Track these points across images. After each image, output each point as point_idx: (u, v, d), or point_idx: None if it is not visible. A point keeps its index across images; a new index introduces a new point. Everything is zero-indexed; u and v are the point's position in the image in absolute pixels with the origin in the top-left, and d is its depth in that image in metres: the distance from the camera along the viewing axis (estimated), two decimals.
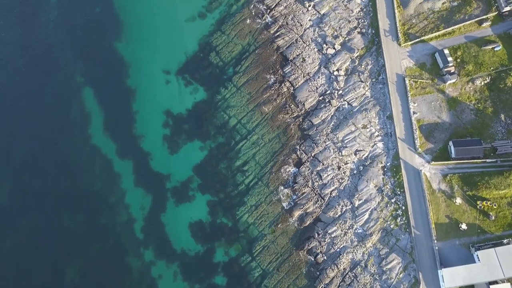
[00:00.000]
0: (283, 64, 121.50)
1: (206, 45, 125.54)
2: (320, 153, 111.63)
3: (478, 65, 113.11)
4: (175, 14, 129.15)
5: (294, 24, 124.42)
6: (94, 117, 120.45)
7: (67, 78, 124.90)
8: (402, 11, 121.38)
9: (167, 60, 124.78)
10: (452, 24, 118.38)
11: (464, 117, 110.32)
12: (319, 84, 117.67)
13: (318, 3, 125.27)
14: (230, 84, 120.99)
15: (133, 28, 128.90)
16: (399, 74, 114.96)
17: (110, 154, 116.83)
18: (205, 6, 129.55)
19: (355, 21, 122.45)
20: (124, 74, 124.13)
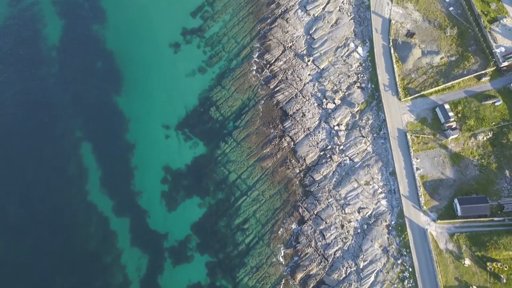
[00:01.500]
0: (283, 118, 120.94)
1: (206, 100, 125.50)
2: (322, 210, 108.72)
3: (480, 120, 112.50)
4: (175, 68, 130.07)
5: (293, 79, 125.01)
6: (92, 173, 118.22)
7: (66, 133, 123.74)
8: (401, 66, 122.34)
9: (167, 115, 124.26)
10: (451, 79, 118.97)
11: (468, 173, 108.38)
12: (320, 139, 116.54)
13: (317, 58, 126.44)
14: (230, 138, 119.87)
15: (134, 83, 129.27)
16: (401, 129, 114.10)
17: (107, 211, 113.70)
18: (205, 61, 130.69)
19: (355, 76, 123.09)
20: (124, 128, 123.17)
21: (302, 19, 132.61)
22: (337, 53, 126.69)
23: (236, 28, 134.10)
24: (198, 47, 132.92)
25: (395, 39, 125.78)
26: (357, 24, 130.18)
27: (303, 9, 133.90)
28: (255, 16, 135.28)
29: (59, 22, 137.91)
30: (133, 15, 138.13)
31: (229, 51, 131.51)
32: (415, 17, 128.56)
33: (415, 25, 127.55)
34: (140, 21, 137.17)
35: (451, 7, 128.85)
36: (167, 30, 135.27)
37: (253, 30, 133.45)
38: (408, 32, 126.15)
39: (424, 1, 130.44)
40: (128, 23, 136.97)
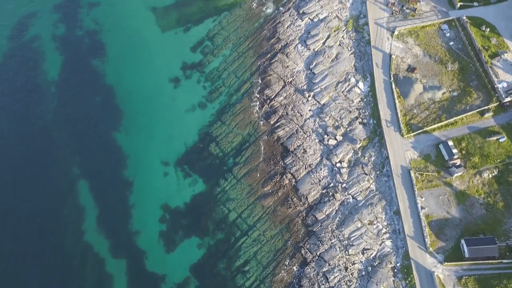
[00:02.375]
0: (284, 155, 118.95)
1: (206, 136, 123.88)
2: (325, 252, 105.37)
3: (484, 157, 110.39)
4: (175, 103, 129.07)
5: (294, 114, 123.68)
6: (88, 212, 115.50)
7: (63, 170, 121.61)
8: (402, 101, 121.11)
9: (166, 151, 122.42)
10: (454, 115, 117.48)
11: (474, 212, 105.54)
12: (322, 176, 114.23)
13: (318, 93, 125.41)
14: (230, 175, 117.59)
15: (133, 118, 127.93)
16: (404, 166, 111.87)
17: (103, 252, 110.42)
18: (205, 96, 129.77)
19: (356, 111, 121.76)
20: (122, 165, 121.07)
21: (302, 54, 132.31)
22: (338, 88, 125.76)
23: (236, 63, 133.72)
24: (198, 82, 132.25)
25: (396, 74, 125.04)
26: (358, 58, 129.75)
27: (303, 44, 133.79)
28: (255, 50, 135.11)
29: (59, 57, 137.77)
30: (133, 49, 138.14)
31: (229, 86, 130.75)
32: (416, 52, 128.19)
33: (416, 60, 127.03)
34: (140, 55, 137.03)
35: (451, 41, 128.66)
36: (167, 64, 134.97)
37: (253, 65, 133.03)
38: (409, 67, 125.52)
39: (424, 35, 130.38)
40: (128, 58, 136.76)
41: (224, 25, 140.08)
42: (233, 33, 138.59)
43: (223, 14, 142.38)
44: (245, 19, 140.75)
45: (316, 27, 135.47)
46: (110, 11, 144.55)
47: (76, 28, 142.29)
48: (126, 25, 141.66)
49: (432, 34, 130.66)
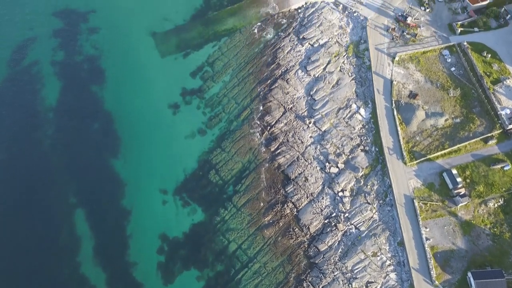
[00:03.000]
0: (285, 183, 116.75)
1: (205, 163, 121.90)
2: (328, 285, 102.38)
3: (489, 186, 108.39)
4: (174, 130, 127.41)
5: (295, 141, 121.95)
6: (85, 242, 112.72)
7: (59, 197, 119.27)
8: (404, 128, 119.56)
9: (165, 179, 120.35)
10: (457, 142, 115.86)
11: (480, 243, 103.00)
12: (324, 205, 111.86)
13: (319, 120, 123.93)
14: (230, 204, 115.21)
15: (131, 145, 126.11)
16: (407, 195, 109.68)
17: (100, 284, 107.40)
18: (205, 122, 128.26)
19: (358, 139, 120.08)
20: (120, 194, 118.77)
21: (303, 80, 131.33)
22: (339, 114, 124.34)
23: (236, 89, 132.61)
24: (198, 108, 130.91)
25: (397, 100, 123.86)
26: (359, 84, 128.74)
27: (303, 70, 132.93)
28: (255, 76, 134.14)
29: (57, 83, 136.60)
30: (132, 75, 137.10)
31: (229, 112, 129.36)
32: (417, 78, 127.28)
33: (418, 86, 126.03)
34: (139, 81, 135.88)
35: (452, 67, 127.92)
36: (167, 90, 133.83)
37: (253, 91, 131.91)
38: (410, 93, 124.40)
39: (425, 61, 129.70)
40: (127, 83, 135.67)
41: (224, 50, 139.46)
42: (233, 59, 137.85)
43: (223, 40, 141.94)
44: (245, 44, 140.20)
45: (316, 53, 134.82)
46: (110, 36, 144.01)
47: (75, 53, 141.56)
48: (125, 51, 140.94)
49: (433, 59, 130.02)
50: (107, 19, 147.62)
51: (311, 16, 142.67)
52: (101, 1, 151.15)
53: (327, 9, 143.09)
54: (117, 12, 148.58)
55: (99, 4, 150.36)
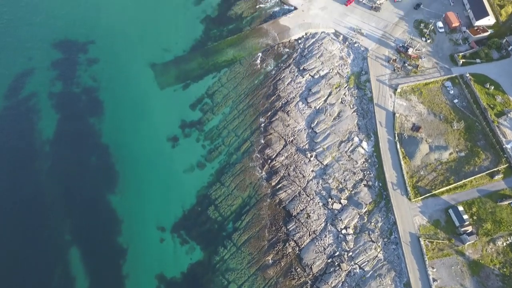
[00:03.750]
0: (286, 220, 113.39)
1: (204, 198, 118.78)
2: None
3: (497, 223, 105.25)
4: (173, 164, 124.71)
5: (296, 175, 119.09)
6: (79, 283, 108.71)
7: (54, 235, 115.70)
8: (408, 162, 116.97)
9: (162, 215, 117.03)
10: (462, 177, 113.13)
11: (490, 284, 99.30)
12: (327, 244, 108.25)
13: (320, 153, 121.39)
14: (229, 242, 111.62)
15: (129, 179, 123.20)
16: (413, 233, 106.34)
17: None
18: (204, 155, 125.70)
19: (361, 173, 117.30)
20: (116, 231, 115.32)
21: (303, 112, 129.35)
22: (340, 148, 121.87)
23: (236, 121, 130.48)
24: (197, 140, 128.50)
25: (400, 133, 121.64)
26: (361, 117, 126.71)
27: (304, 102, 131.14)
28: (255, 108, 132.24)
29: (55, 115, 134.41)
30: (130, 107, 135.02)
31: (229, 145, 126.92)
32: (420, 110, 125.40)
33: (421, 118, 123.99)
34: (138, 113, 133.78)
35: (455, 99, 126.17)
36: (166, 123, 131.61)
37: (253, 123, 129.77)
38: (413, 126, 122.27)
39: (428, 93, 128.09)
40: (125, 116, 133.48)
41: (224, 82, 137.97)
42: (233, 90, 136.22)
43: (223, 71, 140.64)
44: (245, 75, 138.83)
45: (317, 84, 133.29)
46: (109, 67, 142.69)
47: (74, 85, 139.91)
48: (124, 82, 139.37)
49: (436, 91, 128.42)
50: (106, 50, 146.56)
51: (311, 46, 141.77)
52: (101, 32, 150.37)
53: (327, 40, 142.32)
54: (116, 43, 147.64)
55: (98, 35, 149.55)
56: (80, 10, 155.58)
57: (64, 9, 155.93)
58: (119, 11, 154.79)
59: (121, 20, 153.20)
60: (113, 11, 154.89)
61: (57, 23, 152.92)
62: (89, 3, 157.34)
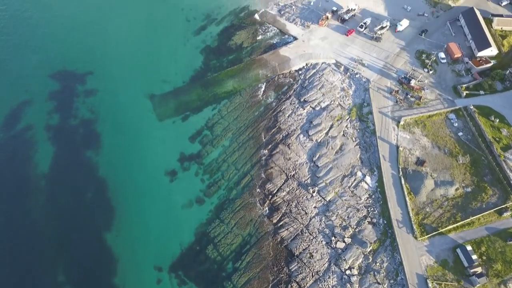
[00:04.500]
0: (288, 260, 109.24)
1: (203, 236, 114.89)
2: None
3: (507, 264, 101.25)
4: (171, 199, 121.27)
5: (298, 212, 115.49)
6: None
7: (46, 274, 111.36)
8: (413, 198, 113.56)
9: (159, 254, 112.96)
10: (469, 214, 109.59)
11: None
12: (331, 285, 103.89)
13: (323, 189, 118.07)
14: (229, 284, 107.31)
15: (125, 215, 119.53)
16: (420, 274, 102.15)
17: None
18: (203, 190, 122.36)
19: (364, 210, 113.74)
20: (111, 270, 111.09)
21: (305, 145, 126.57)
22: (343, 183, 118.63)
23: (236, 154, 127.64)
24: (196, 174, 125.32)
25: (404, 167, 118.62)
26: (363, 150, 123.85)
27: (305, 134, 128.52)
28: (256, 141, 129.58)
29: (50, 148, 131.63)
30: (128, 140, 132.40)
31: (228, 179, 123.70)
32: (424, 143, 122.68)
33: (425, 152, 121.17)
34: (136, 146, 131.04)
35: (460, 132, 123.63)
36: (164, 156, 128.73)
37: (253, 156, 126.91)
38: (418, 160, 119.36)
39: (432, 125, 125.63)
40: (123, 149, 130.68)
41: (224, 113, 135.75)
42: (233, 122, 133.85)
43: (223, 102, 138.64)
44: (245, 107, 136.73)
45: (318, 116, 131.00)
46: (107, 99, 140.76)
47: (71, 117, 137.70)
48: (122, 114, 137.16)
49: (440, 124, 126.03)
50: (105, 81, 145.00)
51: (312, 77, 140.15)
52: (100, 62, 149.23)
53: (328, 71, 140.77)
54: (115, 74, 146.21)
55: (97, 66, 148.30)
56: (79, 40, 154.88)
57: (63, 39, 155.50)
58: (118, 41, 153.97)
59: (120, 50, 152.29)
60: (112, 41, 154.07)
61: (56, 53, 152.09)
62: (88, 33, 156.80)
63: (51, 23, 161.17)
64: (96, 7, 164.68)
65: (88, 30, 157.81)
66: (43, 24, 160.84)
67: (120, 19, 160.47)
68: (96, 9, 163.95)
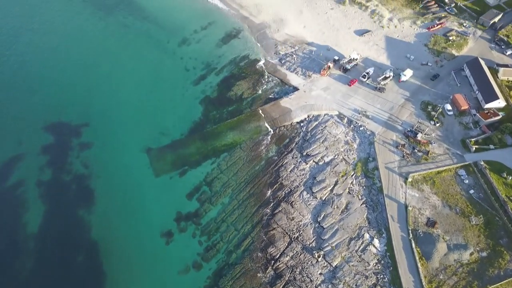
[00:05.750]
0: None
1: None
2: None
3: None
4: (166, 263, 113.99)
5: (303, 279, 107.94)
6: None
7: None
8: (425, 264, 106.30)
9: None
10: (486, 282, 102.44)
11: None
12: None
13: (329, 253, 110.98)
14: None
15: (118, 281, 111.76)
16: None
17: None
18: (201, 254, 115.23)
19: (373, 277, 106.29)
20: None
21: (309, 203, 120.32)
22: (350, 246, 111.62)
23: (236, 213, 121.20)
24: (194, 236, 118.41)
25: (415, 229, 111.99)
26: (370, 209, 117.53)
27: (308, 191, 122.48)
28: (257, 198, 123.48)
29: (42, 206, 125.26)
30: (123, 198, 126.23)
31: (228, 241, 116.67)
32: (434, 202, 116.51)
33: (435, 212, 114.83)
34: (131, 204, 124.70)
35: (471, 189, 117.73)
36: (160, 215, 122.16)
37: (254, 215, 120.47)
38: (428, 221, 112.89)
39: (441, 182, 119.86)
40: (117, 207, 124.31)
41: (223, 168, 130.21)
42: (232, 178, 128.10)
43: (222, 156, 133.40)
44: (246, 161, 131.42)
45: (322, 172, 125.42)
46: (102, 153, 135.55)
47: (64, 172, 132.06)
48: (117, 169, 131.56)
49: (449, 180, 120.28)
50: (100, 133, 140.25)
51: (314, 130, 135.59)
52: (96, 113, 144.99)
53: (331, 123, 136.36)
54: (111, 126, 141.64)
55: (93, 117, 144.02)
56: (76, 90, 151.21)
57: (58, 90, 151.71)
58: (115, 92, 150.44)
59: (117, 101, 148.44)
60: (109, 92, 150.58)
61: (50, 104, 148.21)
62: (85, 84, 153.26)
63: (50, 69, 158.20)
64: (94, 55, 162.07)
65: (85, 79, 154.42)
66: (40, 70, 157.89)
67: (118, 68, 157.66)
68: (94, 57, 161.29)
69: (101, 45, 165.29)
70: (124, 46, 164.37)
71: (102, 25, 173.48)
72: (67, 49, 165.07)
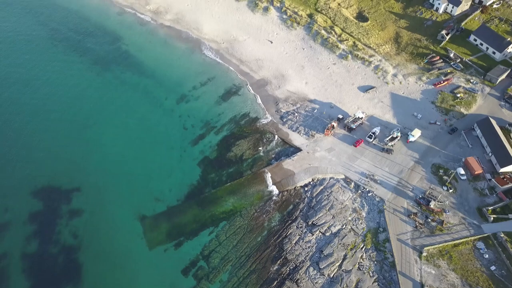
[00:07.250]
0: None
1: None
2: None
3: None
4: None
5: None
6: None
7: None
8: None
9: None
10: None
11: None
12: None
13: None
14: None
15: None
16: None
17: None
18: None
19: None
20: None
21: (316, 281, 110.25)
22: None
23: None
24: None
25: None
26: None
27: (315, 267, 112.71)
28: (259, 275, 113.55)
29: (25, 283, 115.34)
30: (113, 273, 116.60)
31: None
32: (452, 280, 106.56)
33: None
34: (122, 281, 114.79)
35: (492, 266, 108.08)
36: None
37: None
38: None
39: (459, 257, 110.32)
40: (106, 283, 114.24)
41: (222, 239, 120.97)
42: (232, 250, 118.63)
43: (221, 225, 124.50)
44: (246, 231, 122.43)
45: (329, 244, 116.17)
46: (92, 221, 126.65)
47: (51, 243, 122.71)
48: (108, 240, 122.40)
49: (468, 255, 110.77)
50: (92, 199, 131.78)
51: (319, 195, 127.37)
52: (87, 179, 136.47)
53: (337, 187, 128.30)
54: (103, 191, 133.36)
55: (84, 182, 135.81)
56: (66, 152, 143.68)
57: (49, 153, 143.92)
58: (108, 154, 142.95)
59: (110, 164, 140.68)
60: (101, 154, 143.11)
61: (40, 168, 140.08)
62: (76, 146, 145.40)
63: (40, 132, 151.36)
64: (87, 115, 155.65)
65: (77, 141, 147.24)
66: (31, 134, 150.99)
67: (112, 128, 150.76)
68: (88, 118, 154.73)
69: (96, 105, 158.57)
70: (121, 105, 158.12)
71: (99, 82, 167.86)
72: (61, 108, 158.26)
